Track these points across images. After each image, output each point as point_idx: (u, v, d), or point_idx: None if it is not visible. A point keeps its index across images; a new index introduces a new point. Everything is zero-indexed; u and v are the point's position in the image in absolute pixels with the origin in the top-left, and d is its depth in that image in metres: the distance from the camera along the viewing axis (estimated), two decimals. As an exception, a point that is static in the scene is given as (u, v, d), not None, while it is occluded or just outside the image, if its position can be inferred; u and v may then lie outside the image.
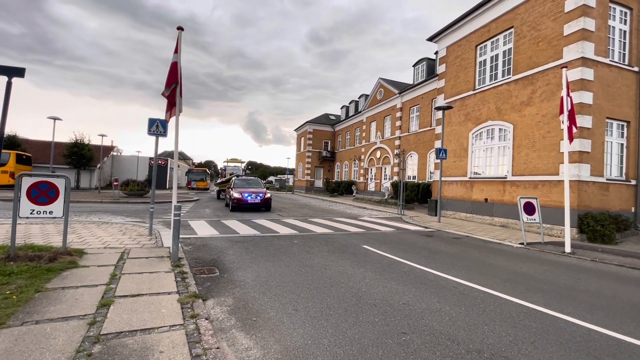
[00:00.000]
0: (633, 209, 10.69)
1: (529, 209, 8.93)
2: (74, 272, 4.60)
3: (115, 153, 36.68)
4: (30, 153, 27.12)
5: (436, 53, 17.37)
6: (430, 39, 16.54)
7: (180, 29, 6.21)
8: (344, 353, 2.92)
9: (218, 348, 2.85)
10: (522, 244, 8.63)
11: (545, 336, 3.39)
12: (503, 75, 12.65)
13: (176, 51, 6.17)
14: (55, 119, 19.23)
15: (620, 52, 10.66)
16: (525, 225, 9.02)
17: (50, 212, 5.20)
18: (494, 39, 13.08)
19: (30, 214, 5.06)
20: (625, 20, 10.74)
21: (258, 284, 4.79)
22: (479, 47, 13.85)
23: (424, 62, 24.71)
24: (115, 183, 20.32)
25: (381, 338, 3.22)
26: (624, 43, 10.72)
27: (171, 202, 6.05)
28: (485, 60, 13.58)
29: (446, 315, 3.83)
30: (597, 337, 3.41)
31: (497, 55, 13.00)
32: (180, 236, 6.60)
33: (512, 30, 12.17)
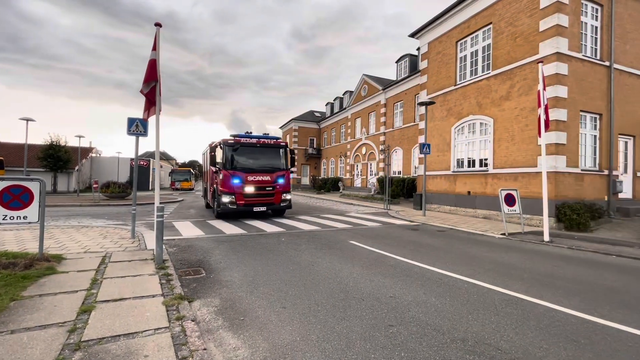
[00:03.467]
0: (606, 198, 11.18)
1: (510, 200, 9.20)
2: (52, 279, 4.44)
3: (94, 154, 35.46)
4: (2, 156, 25.89)
5: (418, 49, 17.55)
6: (412, 35, 16.70)
7: (158, 25, 6.04)
8: (332, 348, 2.94)
9: (205, 349, 2.81)
10: (504, 234, 8.89)
11: (526, 322, 3.51)
12: (483, 71, 12.92)
13: (154, 48, 5.99)
14: (28, 120, 18.40)
15: (592, 47, 11.07)
16: (507, 216, 9.30)
17: (25, 217, 4.99)
18: (474, 34, 13.34)
19: (3, 219, 4.85)
20: (597, 17, 11.16)
21: (245, 283, 4.75)
22: (459, 43, 14.09)
23: (407, 59, 24.96)
24: (94, 185, 19.69)
25: (369, 331, 3.26)
26: (596, 38, 11.14)
27: (154, 203, 5.91)
28: (465, 56, 13.84)
29: (432, 307, 3.91)
30: (574, 321, 3.56)
31: (477, 51, 13.26)
32: (165, 238, 6.46)
33: (491, 26, 12.44)
